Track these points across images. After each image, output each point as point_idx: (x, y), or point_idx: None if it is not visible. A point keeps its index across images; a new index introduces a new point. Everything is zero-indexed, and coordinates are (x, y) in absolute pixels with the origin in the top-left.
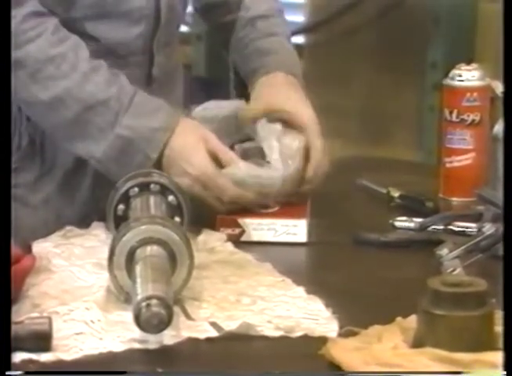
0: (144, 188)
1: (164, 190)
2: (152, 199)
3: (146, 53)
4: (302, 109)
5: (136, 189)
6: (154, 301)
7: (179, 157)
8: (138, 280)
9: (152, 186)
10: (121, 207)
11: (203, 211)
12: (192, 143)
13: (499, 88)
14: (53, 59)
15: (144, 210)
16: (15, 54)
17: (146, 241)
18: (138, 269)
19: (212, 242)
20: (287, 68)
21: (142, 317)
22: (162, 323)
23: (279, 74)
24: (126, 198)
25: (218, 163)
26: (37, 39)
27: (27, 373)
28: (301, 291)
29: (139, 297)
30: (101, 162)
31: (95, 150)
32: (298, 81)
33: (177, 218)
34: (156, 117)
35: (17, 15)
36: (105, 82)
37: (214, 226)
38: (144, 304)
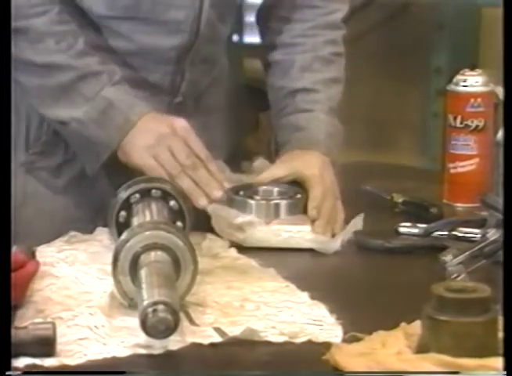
0: (145, 194)
1: (165, 196)
2: (153, 205)
3: (178, 66)
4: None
5: (137, 195)
6: (161, 307)
7: (156, 119)
8: (144, 286)
9: (153, 191)
10: (123, 213)
11: (207, 217)
12: (173, 118)
13: (502, 93)
14: (55, 34)
15: (146, 216)
16: (19, 23)
17: (150, 247)
18: (142, 274)
19: (216, 247)
20: (315, 146)
21: (149, 323)
22: (168, 328)
23: (311, 151)
24: (127, 205)
25: None
26: (43, 16)
27: (26, 373)
28: (305, 296)
29: (145, 302)
30: (81, 123)
31: (76, 112)
32: (329, 157)
33: (179, 223)
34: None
35: None
36: (99, 61)
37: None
38: (150, 309)
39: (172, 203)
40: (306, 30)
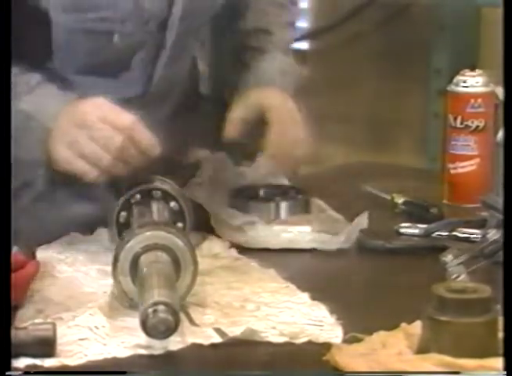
0: (146, 194)
1: (165, 196)
2: (154, 205)
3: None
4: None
5: (138, 195)
6: (161, 307)
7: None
8: (144, 287)
9: (154, 192)
10: (123, 214)
11: (208, 217)
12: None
13: (503, 94)
14: None
15: (147, 216)
16: None
17: (150, 247)
18: (143, 275)
19: (216, 248)
20: (269, 83)
21: (149, 323)
22: (169, 329)
23: (267, 88)
24: (128, 205)
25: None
26: None
27: (26, 373)
28: (305, 297)
29: (146, 303)
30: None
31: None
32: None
33: (179, 224)
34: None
35: None
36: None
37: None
38: (151, 310)
39: (172, 203)
40: None
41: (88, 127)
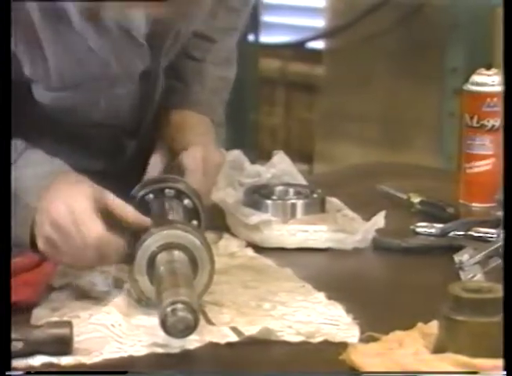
0: (159, 194)
1: (179, 195)
2: (168, 204)
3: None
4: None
5: (151, 195)
6: (180, 306)
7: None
8: (162, 286)
9: (167, 191)
10: None
11: (224, 216)
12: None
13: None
14: None
15: (162, 215)
16: None
17: (167, 246)
18: (160, 274)
19: (232, 247)
20: (194, 105)
21: (169, 322)
22: (188, 327)
23: (187, 114)
24: (142, 205)
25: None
26: None
27: (27, 373)
28: (321, 296)
29: (165, 302)
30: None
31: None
32: (211, 116)
33: (194, 222)
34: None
35: None
36: None
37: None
38: (170, 309)
39: (186, 201)
40: None
41: (61, 230)
